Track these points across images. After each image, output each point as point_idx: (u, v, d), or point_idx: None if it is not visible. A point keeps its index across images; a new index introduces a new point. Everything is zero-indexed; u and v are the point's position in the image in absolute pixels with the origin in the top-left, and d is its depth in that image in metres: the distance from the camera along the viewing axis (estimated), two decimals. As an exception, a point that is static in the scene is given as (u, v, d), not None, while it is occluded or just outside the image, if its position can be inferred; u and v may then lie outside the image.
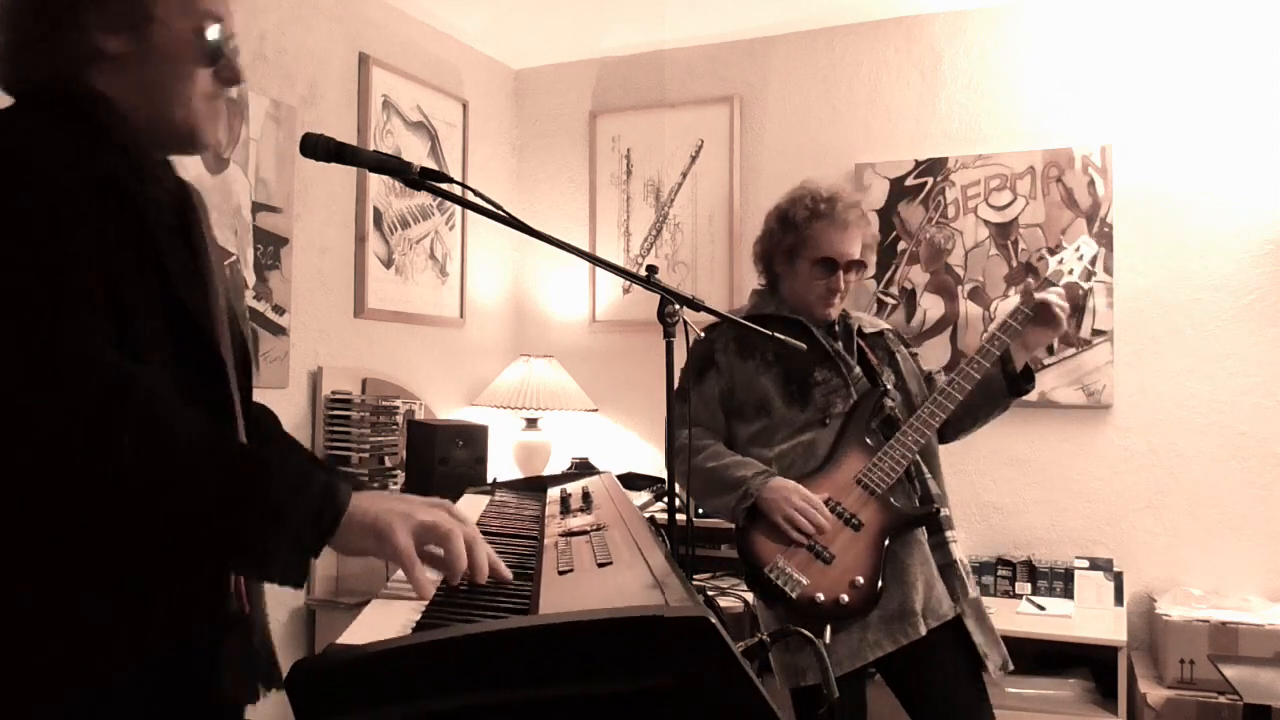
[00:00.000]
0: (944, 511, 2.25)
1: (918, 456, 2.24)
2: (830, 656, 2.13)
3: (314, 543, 1.02)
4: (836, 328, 2.35)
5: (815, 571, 2.16)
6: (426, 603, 1.03)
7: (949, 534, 2.24)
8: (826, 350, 2.28)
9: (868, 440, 2.23)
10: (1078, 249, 2.38)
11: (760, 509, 2.18)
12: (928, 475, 2.26)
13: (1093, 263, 2.43)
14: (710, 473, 2.25)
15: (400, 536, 1.04)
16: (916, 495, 2.24)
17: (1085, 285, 2.37)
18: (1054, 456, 3.56)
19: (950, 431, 2.38)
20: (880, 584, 2.16)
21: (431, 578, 1.06)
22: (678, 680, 0.82)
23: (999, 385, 2.29)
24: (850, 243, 2.29)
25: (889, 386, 2.30)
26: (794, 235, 2.31)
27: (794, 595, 2.15)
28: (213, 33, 1.17)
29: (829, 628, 2.15)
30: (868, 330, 2.42)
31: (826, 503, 2.19)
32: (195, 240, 1.20)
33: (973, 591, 2.23)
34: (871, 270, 3.38)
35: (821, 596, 2.15)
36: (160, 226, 1.12)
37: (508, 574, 1.10)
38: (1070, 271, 2.35)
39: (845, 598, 2.15)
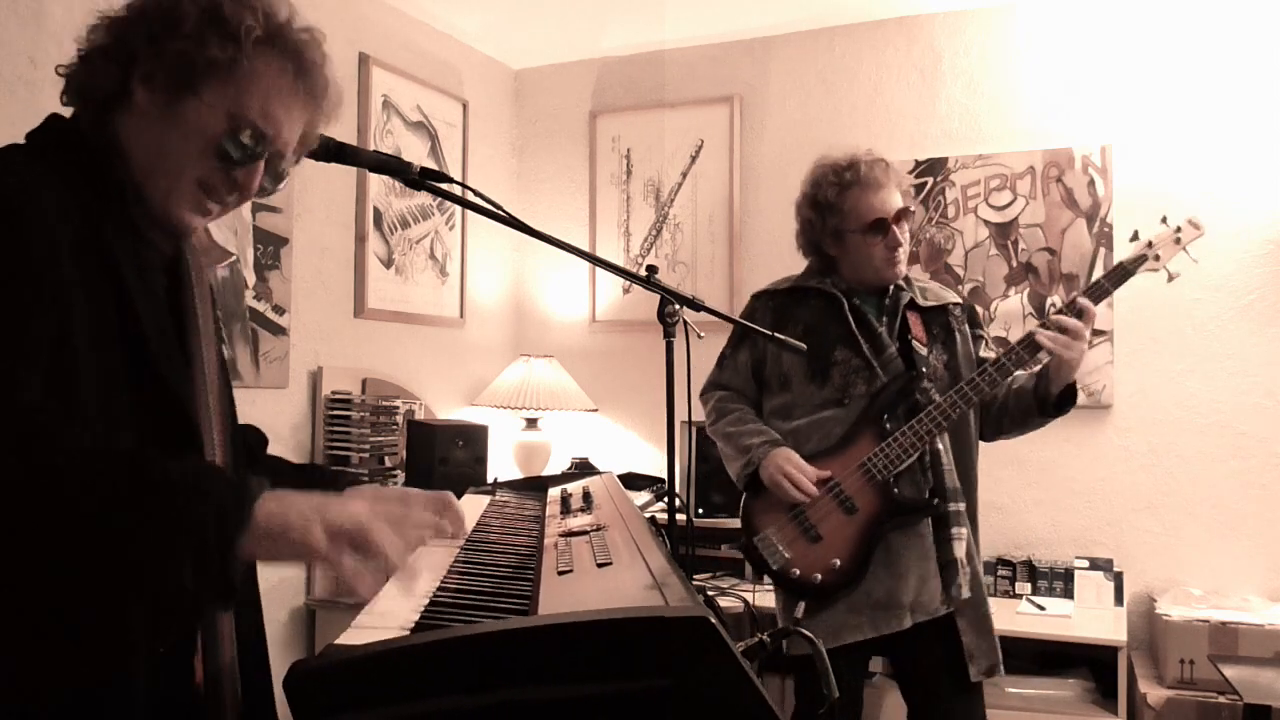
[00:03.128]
0: (953, 507, 2.19)
1: (942, 447, 2.20)
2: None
3: (220, 546, 0.95)
4: (886, 301, 2.29)
5: (800, 547, 2.20)
6: (426, 603, 1.03)
7: (954, 530, 2.18)
8: (851, 329, 2.24)
9: (886, 425, 2.19)
10: (1177, 230, 2.15)
11: (759, 476, 2.21)
12: (945, 468, 2.20)
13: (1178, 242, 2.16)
14: (728, 437, 2.32)
15: (318, 539, 0.98)
16: (928, 486, 2.19)
17: (1172, 273, 2.17)
18: (1054, 456, 3.55)
19: (988, 431, 2.34)
20: (861, 570, 2.16)
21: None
22: (678, 680, 0.82)
23: (1031, 402, 2.22)
24: (890, 198, 2.26)
25: (924, 370, 2.22)
26: (833, 215, 2.27)
27: (774, 566, 2.21)
28: (246, 137, 1.14)
29: (801, 604, 2.17)
30: (927, 303, 2.32)
31: (827, 482, 2.18)
32: (183, 298, 1.20)
33: (966, 592, 2.19)
34: (919, 216, 3.56)
35: (798, 572, 2.19)
36: (139, 283, 1.11)
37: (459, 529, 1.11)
38: (1157, 258, 2.15)
39: (819, 577, 2.18)
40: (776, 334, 1.89)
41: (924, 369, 2.23)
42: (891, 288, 2.30)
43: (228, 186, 1.17)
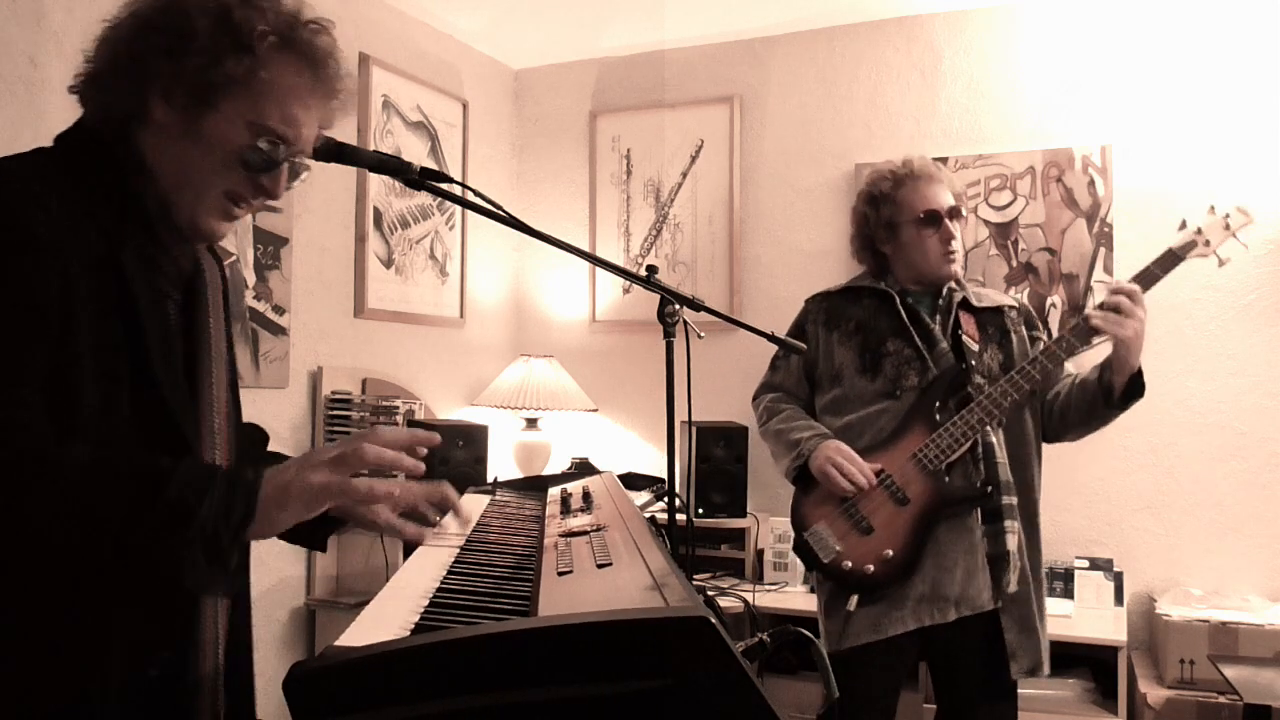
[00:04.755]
0: (1006, 500, 2.18)
1: (995, 441, 2.19)
2: (851, 625, 2.16)
3: (228, 535, 0.99)
4: (940, 300, 2.31)
5: (852, 540, 2.19)
6: (426, 603, 1.03)
7: (1006, 523, 2.17)
8: (903, 322, 2.26)
9: (936, 416, 2.19)
10: (1226, 217, 2.15)
11: (809, 468, 2.22)
12: (999, 461, 2.19)
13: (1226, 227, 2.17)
14: (777, 435, 2.34)
15: (322, 477, 1.03)
16: (980, 478, 2.18)
17: (1222, 258, 2.18)
18: (1054, 456, 3.53)
19: (1052, 430, 2.33)
20: (913, 561, 2.15)
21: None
22: (678, 680, 0.82)
23: (1096, 393, 2.20)
24: (943, 192, 2.29)
25: (974, 363, 2.23)
26: (888, 206, 2.31)
27: (825, 560, 2.20)
28: (268, 145, 1.14)
29: (855, 597, 2.17)
30: (981, 304, 2.33)
31: (878, 474, 2.18)
32: (197, 316, 1.19)
33: (1014, 586, 2.17)
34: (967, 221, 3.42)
35: (849, 564, 2.18)
36: (150, 306, 1.10)
37: (433, 438, 1.13)
38: (1207, 244, 2.15)
39: (871, 568, 2.16)
40: (777, 335, 1.89)
41: (974, 362, 2.23)
42: (945, 288, 2.31)
43: (254, 192, 1.17)
